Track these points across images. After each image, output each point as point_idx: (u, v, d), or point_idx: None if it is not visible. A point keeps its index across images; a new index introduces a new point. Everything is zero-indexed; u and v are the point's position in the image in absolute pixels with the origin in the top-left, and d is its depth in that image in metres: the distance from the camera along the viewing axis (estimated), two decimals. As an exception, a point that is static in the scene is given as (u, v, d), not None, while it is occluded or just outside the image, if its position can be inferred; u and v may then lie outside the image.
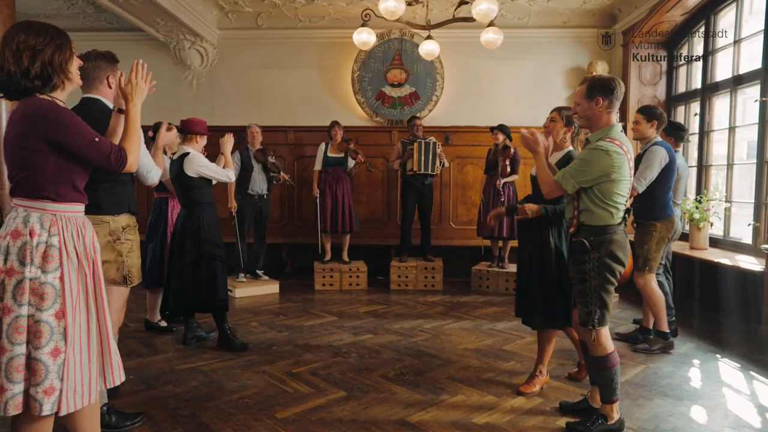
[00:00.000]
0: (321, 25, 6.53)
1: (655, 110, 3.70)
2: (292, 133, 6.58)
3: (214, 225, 3.56)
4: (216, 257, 3.51)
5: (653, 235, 3.56)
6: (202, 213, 3.50)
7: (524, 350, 3.65)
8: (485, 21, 4.08)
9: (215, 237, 3.54)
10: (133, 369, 3.19)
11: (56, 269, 1.66)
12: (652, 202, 3.56)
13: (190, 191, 3.49)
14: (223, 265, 3.56)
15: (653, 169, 3.50)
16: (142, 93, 1.92)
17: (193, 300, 3.47)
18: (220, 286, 3.50)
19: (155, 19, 5.82)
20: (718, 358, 3.54)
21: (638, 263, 3.61)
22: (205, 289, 3.46)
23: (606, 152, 2.28)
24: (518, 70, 6.49)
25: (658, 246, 3.58)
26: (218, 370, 3.21)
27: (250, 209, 5.41)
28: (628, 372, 3.26)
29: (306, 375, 3.16)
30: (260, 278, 5.58)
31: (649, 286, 3.60)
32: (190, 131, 3.53)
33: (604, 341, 2.39)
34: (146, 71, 1.95)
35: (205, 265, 3.47)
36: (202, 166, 3.46)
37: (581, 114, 2.41)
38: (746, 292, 4.28)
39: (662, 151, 3.53)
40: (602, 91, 2.34)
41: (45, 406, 1.63)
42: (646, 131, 3.66)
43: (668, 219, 3.60)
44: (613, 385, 2.42)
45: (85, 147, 1.70)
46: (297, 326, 4.20)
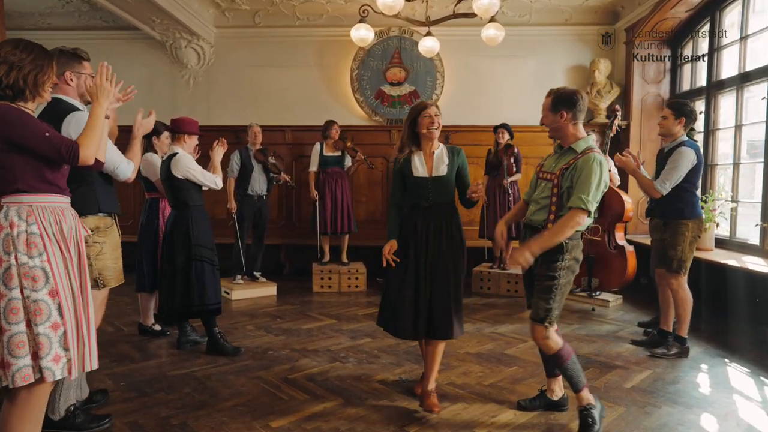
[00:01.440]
0: (319, 24, 6.44)
1: (685, 106, 3.47)
2: (290, 133, 6.49)
3: (204, 227, 3.45)
4: (206, 260, 3.41)
5: (686, 235, 3.41)
6: (191, 215, 3.40)
7: (527, 354, 3.55)
8: (486, 16, 3.98)
9: (205, 239, 3.43)
10: (125, 375, 3.10)
11: (41, 254, 1.83)
12: (681, 201, 3.41)
13: (179, 193, 3.39)
14: (214, 268, 3.46)
15: (679, 171, 3.36)
16: (107, 94, 2.02)
17: (183, 305, 3.37)
18: (210, 289, 3.40)
19: (151, 17, 5.73)
20: (727, 363, 3.44)
21: (672, 265, 3.44)
22: (196, 293, 3.36)
23: (602, 164, 2.35)
24: (519, 68, 6.40)
25: (692, 246, 3.44)
26: (212, 376, 3.12)
27: (249, 210, 5.32)
28: (634, 377, 3.16)
29: (302, 381, 3.06)
30: (258, 280, 5.50)
31: (683, 288, 3.47)
32: (180, 131, 3.43)
33: (555, 338, 2.46)
34: (111, 73, 2.04)
35: (195, 268, 3.37)
36: (190, 169, 3.35)
37: (548, 126, 2.48)
38: (754, 295, 4.18)
39: (691, 153, 3.36)
40: (566, 105, 2.40)
41: (56, 372, 1.83)
42: (672, 128, 3.45)
43: (698, 218, 3.47)
44: (575, 375, 2.49)
45: (38, 142, 1.82)
46: (294, 330, 4.10)
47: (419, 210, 2.64)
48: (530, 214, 2.54)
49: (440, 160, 2.65)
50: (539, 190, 2.51)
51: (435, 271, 2.60)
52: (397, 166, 2.70)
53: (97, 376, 3.05)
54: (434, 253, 2.61)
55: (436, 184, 2.63)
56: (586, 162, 2.31)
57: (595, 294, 4.98)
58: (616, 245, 4.71)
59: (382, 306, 2.75)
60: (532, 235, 2.45)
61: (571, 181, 2.33)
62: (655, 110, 5.98)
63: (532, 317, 2.45)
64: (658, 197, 3.42)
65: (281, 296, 5.26)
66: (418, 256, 2.61)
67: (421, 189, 2.63)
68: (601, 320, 4.49)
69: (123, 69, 6.82)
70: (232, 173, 5.31)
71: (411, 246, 2.63)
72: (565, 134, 2.44)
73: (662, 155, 3.56)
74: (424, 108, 2.63)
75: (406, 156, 2.66)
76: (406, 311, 2.59)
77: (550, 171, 2.47)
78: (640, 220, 5.82)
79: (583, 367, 3.28)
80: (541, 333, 2.44)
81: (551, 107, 2.42)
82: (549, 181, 2.44)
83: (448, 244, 2.62)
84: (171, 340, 3.77)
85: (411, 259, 2.62)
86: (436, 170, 2.63)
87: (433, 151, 2.67)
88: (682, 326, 3.51)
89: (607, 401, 2.80)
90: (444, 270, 2.60)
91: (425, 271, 2.60)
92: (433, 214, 2.63)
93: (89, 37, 6.61)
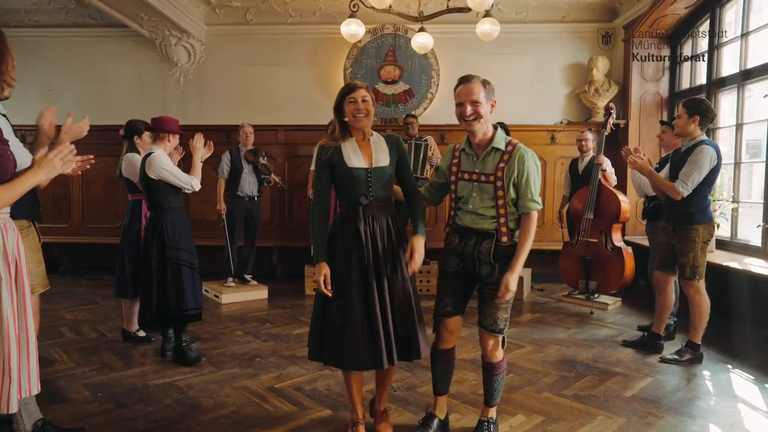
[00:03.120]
0: (312, 21, 6.31)
1: (699, 104, 3.32)
2: (283, 133, 6.36)
3: (182, 230, 3.29)
4: (183, 263, 3.24)
5: (696, 240, 3.29)
6: (167, 217, 3.25)
7: (523, 361, 3.44)
8: (480, 10, 3.86)
9: (182, 242, 3.26)
10: (104, 385, 2.96)
11: None
12: (692, 205, 3.27)
13: (154, 194, 3.25)
14: (193, 271, 3.30)
15: (702, 172, 3.21)
16: (50, 167, 1.81)
17: (160, 310, 3.22)
18: (188, 294, 3.24)
19: (138, 14, 5.59)
20: (730, 369, 3.33)
21: (685, 272, 3.32)
22: (173, 298, 3.20)
23: (532, 154, 2.25)
24: (516, 66, 6.28)
25: (703, 250, 3.32)
26: (195, 385, 2.99)
27: (240, 211, 5.20)
28: (635, 385, 3.05)
29: (289, 390, 2.93)
30: (249, 283, 5.37)
31: (701, 294, 3.35)
32: (159, 129, 3.28)
33: (503, 345, 2.34)
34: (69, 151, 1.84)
35: (171, 272, 3.21)
36: (164, 170, 3.17)
37: (484, 115, 2.22)
38: (757, 298, 4.07)
39: (711, 152, 3.22)
40: (493, 94, 2.26)
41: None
42: (687, 127, 3.30)
43: (710, 222, 3.34)
44: (500, 390, 2.41)
45: None
46: (284, 335, 3.98)
47: (357, 209, 2.20)
48: (470, 222, 2.24)
49: (379, 148, 2.26)
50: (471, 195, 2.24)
51: (390, 282, 2.20)
52: (324, 156, 2.23)
53: (75, 386, 2.92)
54: (385, 259, 2.19)
55: (377, 176, 2.21)
56: (521, 161, 2.17)
57: (593, 297, 4.87)
58: (613, 246, 4.60)
59: (317, 333, 2.26)
60: (481, 240, 2.23)
61: (511, 182, 2.17)
62: (654, 109, 5.88)
63: (489, 329, 2.25)
64: (680, 199, 3.27)
65: (272, 300, 5.13)
66: (364, 265, 2.17)
67: (359, 183, 2.20)
68: (599, 324, 4.37)
69: (112, 67, 6.76)
70: (222, 174, 5.18)
71: (354, 254, 2.18)
72: (488, 125, 2.26)
73: (678, 155, 3.43)
74: (350, 90, 2.20)
75: (335, 145, 2.23)
76: (358, 337, 2.13)
77: (481, 172, 2.22)
78: (638, 220, 5.71)
79: (582, 374, 3.19)
80: (496, 344, 2.29)
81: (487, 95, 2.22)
82: (485, 183, 2.21)
83: (397, 246, 2.25)
84: (156, 346, 3.63)
85: (356, 270, 2.17)
86: (377, 160, 2.23)
87: (369, 139, 2.27)
88: (696, 332, 3.40)
89: (607, 411, 2.69)
90: (400, 279, 2.22)
91: (378, 283, 2.17)
92: (375, 212, 2.21)
93: (77, 34, 6.49)
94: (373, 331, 2.14)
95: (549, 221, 6.22)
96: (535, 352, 3.63)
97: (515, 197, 2.19)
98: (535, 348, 3.71)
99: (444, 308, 2.33)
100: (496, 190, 2.20)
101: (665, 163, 3.91)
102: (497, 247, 2.21)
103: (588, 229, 4.69)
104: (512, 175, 2.17)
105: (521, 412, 2.69)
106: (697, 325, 3.38)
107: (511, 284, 2.15)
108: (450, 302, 2.32)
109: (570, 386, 3.01)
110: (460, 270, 2.30)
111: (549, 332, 4.10)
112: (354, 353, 2.14)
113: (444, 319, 2.34)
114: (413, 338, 2.22)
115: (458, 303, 2.33)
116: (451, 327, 2.35)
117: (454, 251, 2.30)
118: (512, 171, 2.17)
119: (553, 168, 6.23)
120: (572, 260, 4.84)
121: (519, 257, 2.18)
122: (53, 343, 3.70)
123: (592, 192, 4.66)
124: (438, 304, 2.36)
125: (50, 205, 6.56)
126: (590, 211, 4.66)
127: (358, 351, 2.14)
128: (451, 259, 2.32)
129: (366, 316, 2.16)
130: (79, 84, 6.55)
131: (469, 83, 2.19)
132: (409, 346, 2.23)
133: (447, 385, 2.49)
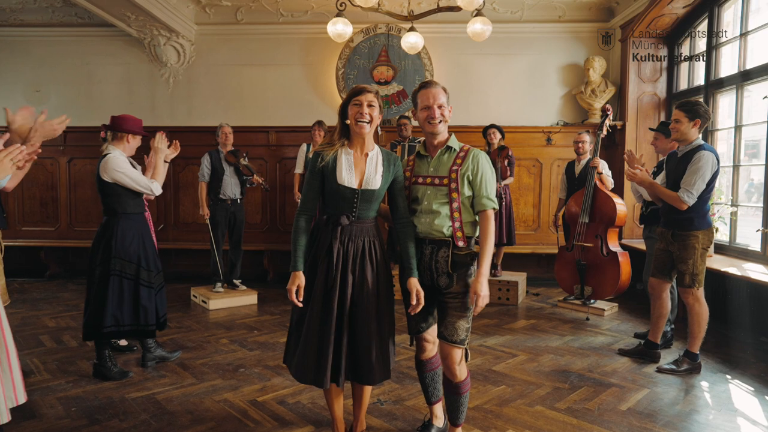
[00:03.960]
0: (303, 20, 6.20)
1: (698, 107, 3.19)
2: (274, 134, 6.25)
3: (132, 239, 3.09)
4: (126, 276, 3.04)
5: (696, 247, 3.19)
6: (117, 224, 3.07)
7: (516, 371, 3.33)
8: (470, 8, 3.75)
9: (129, 253, 3.05)
10: (79, 399, 2.84)
11: None
12: (692, 211, 3.17)
13: (108, 198, 3.07)
14: (137, 284, 3.08)
15: (705, 178, 3.11)
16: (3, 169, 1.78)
17: (94, 322, 3.03)
18: (126, 309, 3.04)
19: (125, 14, 5.48)
20: (729, 380, 3.23)
21: (684, 280, 3.22)
22: (109, 311, 3.01)
23: (485, 155, 2.24)
24: (511, 66, 6.18)
25: (703, 257, 3.22)
26: (174, 399, 2.87)
27: (222, 215, 5.08)
28: (630, 397, 2.94)
29: (272, 404, 2.82)
30: (238, 288, 5.26)
31: (700, 303, 3.24)
32: (117, 129, 3.08)
33: (466, 359, 2.23)
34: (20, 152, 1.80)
35: (112, 284, 3.02)
36: (120, 172, 2.99)
37: (447, 118, 2.23)
38: (756, 304, 3.97)
39: (711, 157, 3.12)
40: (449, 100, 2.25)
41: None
42: (687, 132, 3.19)
43: (709, 228, 3.23)
44: (464, 409, 2.31)
45: None
46: (270, 344, 3.86)
47: (336, 227, 2.11)
48: (427, 227, 2.17)
49: (374, 167, 2.14)
50: (425, 198, 2.18)
51: (356, 304, 2.10)
52: (318, 164, 2.13)
53: (48, 400, 2.81)
54: (355, 282, 2.10)
55: (365, 197, 2.12)
56: (476, 159, 2.17)
57: (589, 302, 4.77)
58: (609, 251, 4.49)
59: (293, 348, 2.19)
60: (437, 249, 2.15)
61: (465, 179, 2.15)
62: (651, 110, 5.78)
63: (451, 339, 2.16)
64: (686, 209, 3.17)
65: (262, 305, 5.02)
66: (329, 285, 2.08)
67: (344, 201, 2.12)
68: (595, 331, 4.27)
69: (100, 67, 6.64)
70: (203, 177, 5.06)
71: (322, 272, 2.09)
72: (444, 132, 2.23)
73: (675, 159, 3.33)
74: (358, 93, 2.11)
75: (332, 153, 2.13)
76: (309, 351, 2.06)
77: (435, 175, 2.18)
78: (635, 224, 5.60)
79: (576, 385, 3.08)
80: (458, 357, 2.19)
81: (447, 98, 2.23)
82: (439, 186, 2.17)
83: (371, 269, 2.13)
84: (137, 356, 3.52)
85: (320, 287, 2.09)
86: (368, 181, 2.12)
87: (367, 153, 2.16)
88: (694, 342, 3.29)
89: (601, 427, 2.58)
90: (367, 302, 2.10)
91: (340, 305, 2.08)
92: (354, 232, 2.12)
93: (64, 34, 6.37)
94: (323, 348, 2.06)
95: (545, 224, 6.12)
96: (529, 361, 3.52)
97: (471, 195, 2.17)
98: (529, 357, 3.60)
99: (417, 325, 2.29)
100: (450, 192, 2.15)
101: (662, 167, 3.81)
102: (454, 255, 2.15)
103: (583, 233, 4.58)
104: (466, 173, 2.16)
105: (512, 427, 2.58)
106: (695, 334, 3.28)
107: (480, 290, 2.08)
108: (420, 317, 2.27)
109: (564, 399, 2.91)
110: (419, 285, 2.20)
111: (543, 340, 3.99)
112: (300, 365, 2.09)
113: (421, 334, 2.30)
114: (368, 362, 2.10)
115: (428, 315, 2.28)
116: (429, 337, 2.32)
117: None
118: (466, 168, 2.16)
119: (549, 170, 6.13)
120: (567, 265, 4.73)
121: (483, 260, 2.12)
122: (31, 353, 3.58)
123: (588, 195, 4.55)
124: (410, 323, 2.30)
125: (37, 207, 6.45)
126: (586, 215, 4.56)
127: (304, 364, 2.08)
128: None
129: (320, 333, 2.08)
130: (66, 84, 6.43)
131: (433, 88, 2.19)
132: (362, 368, 2.11)
133: (439, 392, 2.41)
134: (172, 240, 6.32)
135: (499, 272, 5.33)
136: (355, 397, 2.34)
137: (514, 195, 6.03)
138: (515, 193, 6.07)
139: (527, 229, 6.17)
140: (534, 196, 6.19)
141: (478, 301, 2.08)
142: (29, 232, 6.41)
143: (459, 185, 2.14)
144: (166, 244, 6.17)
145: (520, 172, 6.08)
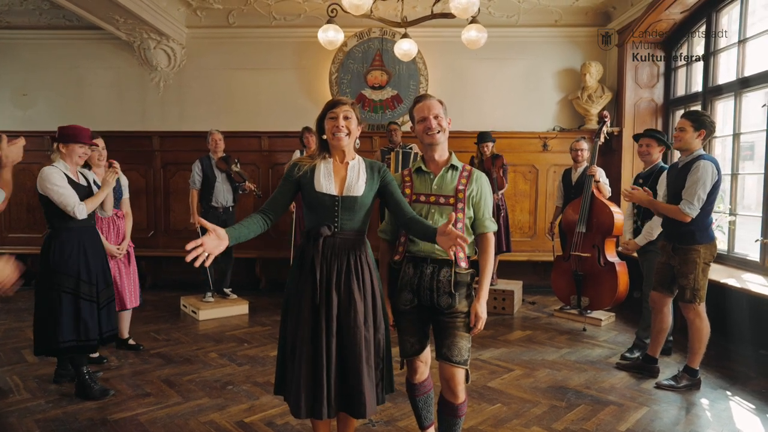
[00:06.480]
0: (296, 24, 6.11)
1: (705, 118, 3.14)
2: (267, 139, 6.15)
3: (71, 252, 2.96)
4: (65, 290, 2.92)
5: (697, 261, 3.10)
6: (57, 238, 2.96)
7: (512, 388, 3.24)
8: (464, 16, 3.66)
9: (68, 267, 2.93)
10: (58, 421, 2.74)
11: None
12: (693, 223, 3.08)
13: (45, 210, 2.98)
14: (78, 299, 2.95)
15: (706, 188, 3.03)
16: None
17: (37, 338, 2.97)
18: (65, 325, 2.91)
19: (113, 16, 5.36)
20: (729, 396, 3.15)
21: (685, 295, 3.14)
22: (50, 326, 2.91)
23: (485, 176, 2.26)
24: (507, 71, 6.10)
25: (705, 272, 3.13)
26: (158, 420, 2.77)
27: (214, 222, 4.92)
28: (629, 416, 2.86)
29: (259, 425, 2.72)
30: (228, 297, 5.15)
31: (701, 318, 3.16)
32: (59, 139, 2.98)
33: (467, 380, 2.17)
34: None
35: (51, 299, 2.92)
36: (49, 187, 2.86)
37: (446, 128, 2.23)
38: (755, 315, 3.90)
39: (711, 167, 3.05)
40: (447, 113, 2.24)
41: None
42: (691, 141, 3.11)
43: (711, 242, 3.14)
44: (460, 430, 2.26)
45: None
46: (260, 357, 3.76)
47: (317, 239, 1.96)
48: (429, 246, 2.08)
49: (356, 174, 2.03)
50: (429, 217, 2.12)
51: (343, 327, 1.95)
52: (294, 173, 2.02)
53: (25, 423, 2.70)
54: (341, 302, 1.96)
55: (347, 205, 1.99)
56: (479, 181, 2.19)
57: (585, 312, 4.69)
58: (606, 261, 4.42)
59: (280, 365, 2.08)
60: (439, 269, 2.09)
61: (470, 201, 2.15)
62: (648, 116, 5.71)
63: (455, 360, 2.09)
64: (689, 221, 3.08)
65: (253, 315, 4.92)
66: (316, 305, 1.95)
67: (323, 210, 1.99)
68: (592, 342, 4.19)
69: (88, 71, 6.51)
70: (194, 185, 4.96)
71: (308, 291, 1.96)
72: (443, 146, 2.23)
73: (675, 170, 3.25)
74: (332, 106, 2.01)
75: (311, 164, 2.03)
76: (303, 380, 1.92)
77: (439, 194, 2.13)
78: (633, 232, 5.53)
79: (574, 403, 3.00)
80: (462, 378, 2.13)
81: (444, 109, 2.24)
82: (444, 205, 2.12)
83: (359, 287, 1.98)
84: (122, 372, 3.42)
85: (307, 308, 1.95)
86: (349, 188, 1.99)
87: (348, 162, 2.06)
88: (694, 358, 3.22)
89: (600, 450, 2.50)
90: (355, 327, 1.94)
91: (327, 327, 1.93)
92: (337, 245, 1.98)
93: (52, 36, 6.25)
94: (317, 377, 1.93)
95: (541, 231, 6.04)
96: (525, 376, 3.44)
97: (471, 217, 2.16)
98: (525, 372, 3.52)
99: (411, 348, 2.22)
100: (456, 212, 2.12)
101: (648, 178, 3.73)
102: (456, 275, 2.10)
103: (580, 243, 4.50)
104: (471, 194, 2.16)
105: (508, 451, 2.50)
106: (695, 350, 3.20)
107: (480, 312, 2.10)
108: (414, 340, 2.21)
109: (561, 418, 2.82)
110: (415, 306, 2.15)
111: (540, 353, 3.91)
112: (296, 398, 1.94)
113: (413, 357, 2.23)
114: (358, 393, 1.94)
115: (422, 337, 2.22)
116: (422, 359, 2.26)
117: (408, 284, 2.15)
118: (471, 190, 2.16)
119: (545, 176, 6.06)
120: (564, 275, 4.65)
121: (483, 283, 2.14)
122: (11, 370, 3.47)
123: (585, 204, 4.47)
124: (403, 345, 2.22)
125: (24, 214, 6.32)
126: (582, 224, 4.48)
127: (300, 396, 1.93)
128: (405, 295, 2.16)
129: (313, 360, 1.94)
130: (54, 88, 6.30)
131: (428, 100, 2.18)
132: (353, 400, 1.95)
133: (431, 416, 2.34)
134: (162, 247, 6.20)
135: (495, 281, 5.24)
136: (341, 422, 2.21)
137: (510, 201, 5.95)
138: (511, 200, 5.99)
139: (523, 236, 6.09)
140: (530, 202, 6.11)
141: (478, 324, 2.09)
142: (16, 238, 6.28)
143: (465, 205, 2.12)
144: (156, 251, 6.06)
145: (516, 178, 6.01)
